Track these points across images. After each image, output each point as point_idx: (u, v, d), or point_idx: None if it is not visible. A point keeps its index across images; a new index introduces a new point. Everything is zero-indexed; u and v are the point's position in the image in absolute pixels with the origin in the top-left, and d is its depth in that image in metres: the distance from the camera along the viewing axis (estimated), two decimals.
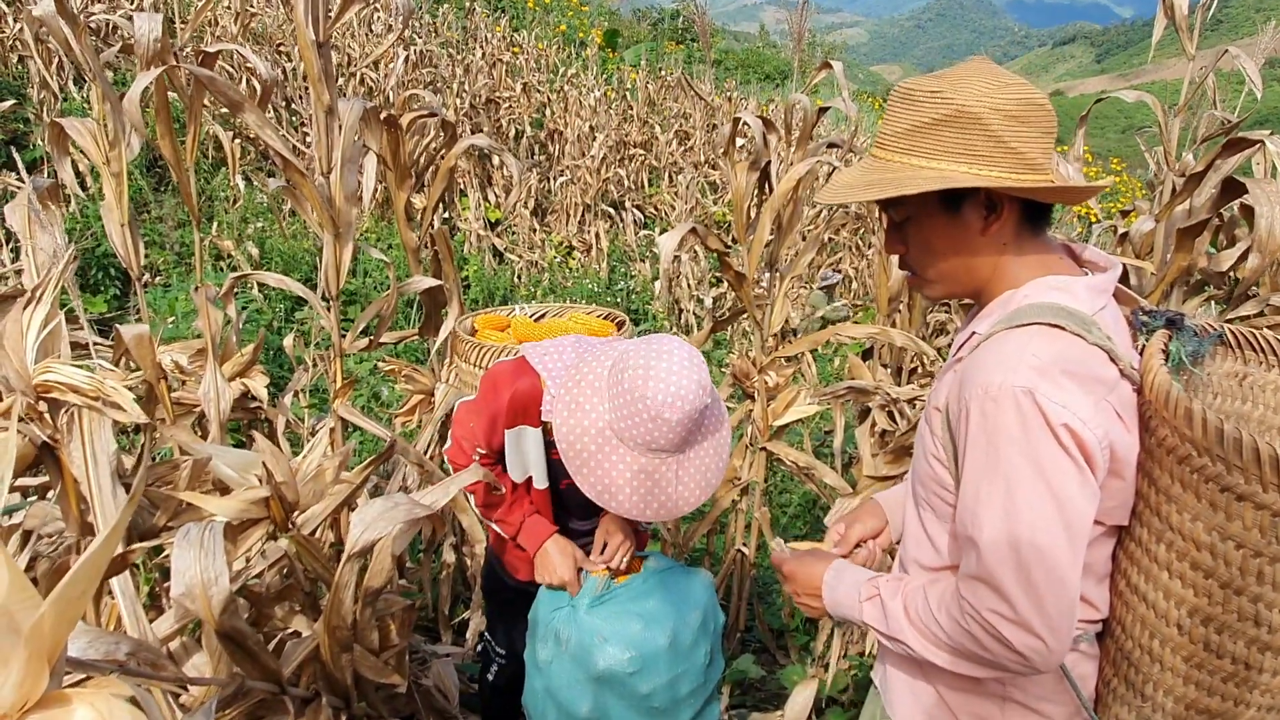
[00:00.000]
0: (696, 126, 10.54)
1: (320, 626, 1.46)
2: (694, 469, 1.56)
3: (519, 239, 8.39)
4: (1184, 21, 2.13)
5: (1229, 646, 1.04)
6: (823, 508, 4.47)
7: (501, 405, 1.70)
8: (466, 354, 2.26)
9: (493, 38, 11.19)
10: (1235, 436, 0.95)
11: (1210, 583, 1.02)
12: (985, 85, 1.09)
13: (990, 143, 1.08)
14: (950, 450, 1.14)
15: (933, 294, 1.24)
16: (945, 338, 4.81)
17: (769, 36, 26.13)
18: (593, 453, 1.53)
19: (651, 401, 1.45)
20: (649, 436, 1.48)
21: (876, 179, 1.13)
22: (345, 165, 2.07)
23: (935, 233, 1.17)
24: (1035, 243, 1.18)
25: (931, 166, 1.10)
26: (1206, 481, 1.00)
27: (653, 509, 1.55)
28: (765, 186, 2.76)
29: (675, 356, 1.48)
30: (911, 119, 1.12)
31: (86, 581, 0.54)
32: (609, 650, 1.71)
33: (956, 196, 1.13)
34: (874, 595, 1.23)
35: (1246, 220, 2.29)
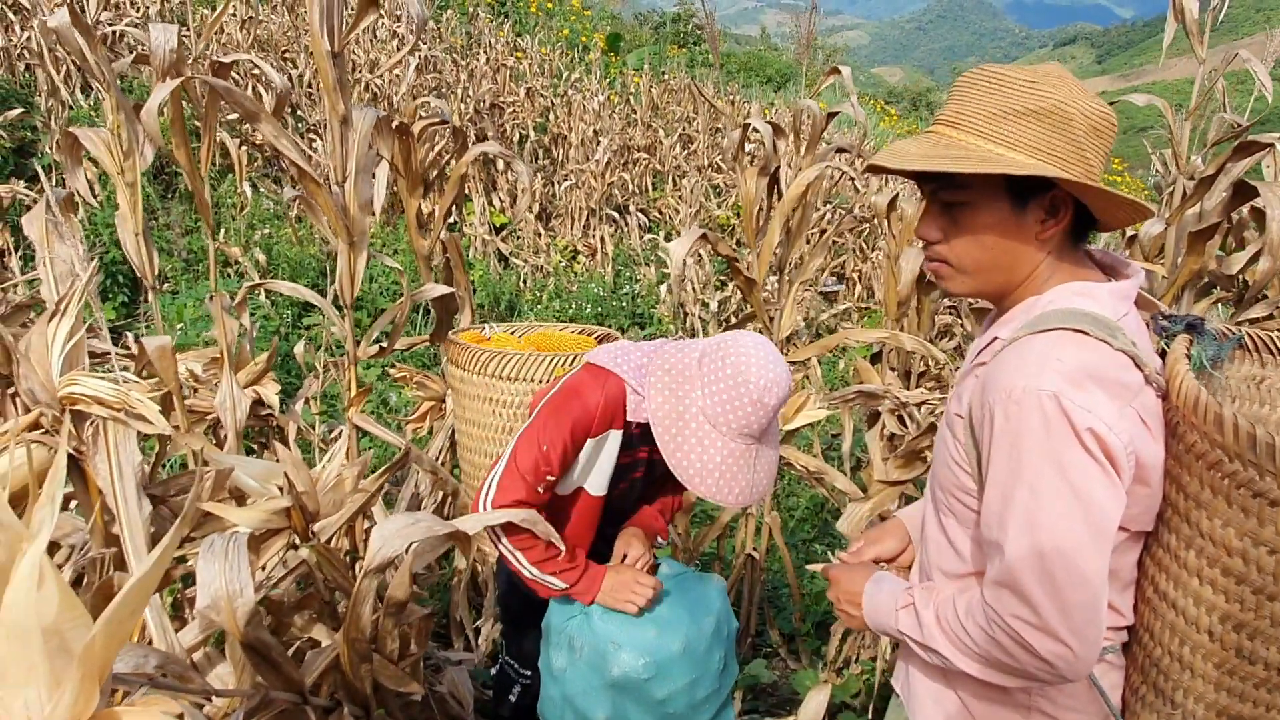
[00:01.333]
0: (700, 130, 10.55)
1: (340, 637, 1.47)
2: (765, 461, 1.65)
3: (524, 243, 8.41)
4: (1194, 24, 2.13)
5: (1262, 652, 1.03)
6: (830, 511, 4.48)
7: (593, 409, 1.68)
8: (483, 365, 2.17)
9: (496, 43, 11.22)
10: (1268, 442, 0.95)
11: (1242, 589, 1.02)
12: (1078, 90, 1.09)
13: (1069, 145, 1.08)
14: (973, 455, 1.14)
15: (959, 287, 1.21)
16: (951, 340, 4.81)
17: (770, 39, 26.16)
18: (687, 437, 1.59)
19: (755, 385, 1.53)
20: (745, 421, 1.55)
21: (957, 154, 1.10)
22: (360, 174, 2.08)
23: (992, 223, 1.13)
24: (1074, 254, 1.17)
25: (1010, 155, 1.09)
26: (1238, 487, 1.00)
27: (735, 494, 1.61)
28: (774, 191, 2.77)
29: (767, 347, 1.59)
30: (998, 105, 1.10)
31: (136, 603, 0.54)
32: (623, 657, 1.72)
33: (1026, 191, 1.11)
34: (909, 604, 1.23)
35: (1257, 223, 2.29)
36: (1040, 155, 1.08)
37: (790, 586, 3.16)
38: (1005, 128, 1.09)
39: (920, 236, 1.20)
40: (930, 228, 1.19)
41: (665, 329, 7.39)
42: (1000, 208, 1.13)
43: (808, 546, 4.05)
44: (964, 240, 1.16)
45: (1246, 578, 1.01)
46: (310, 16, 1.82)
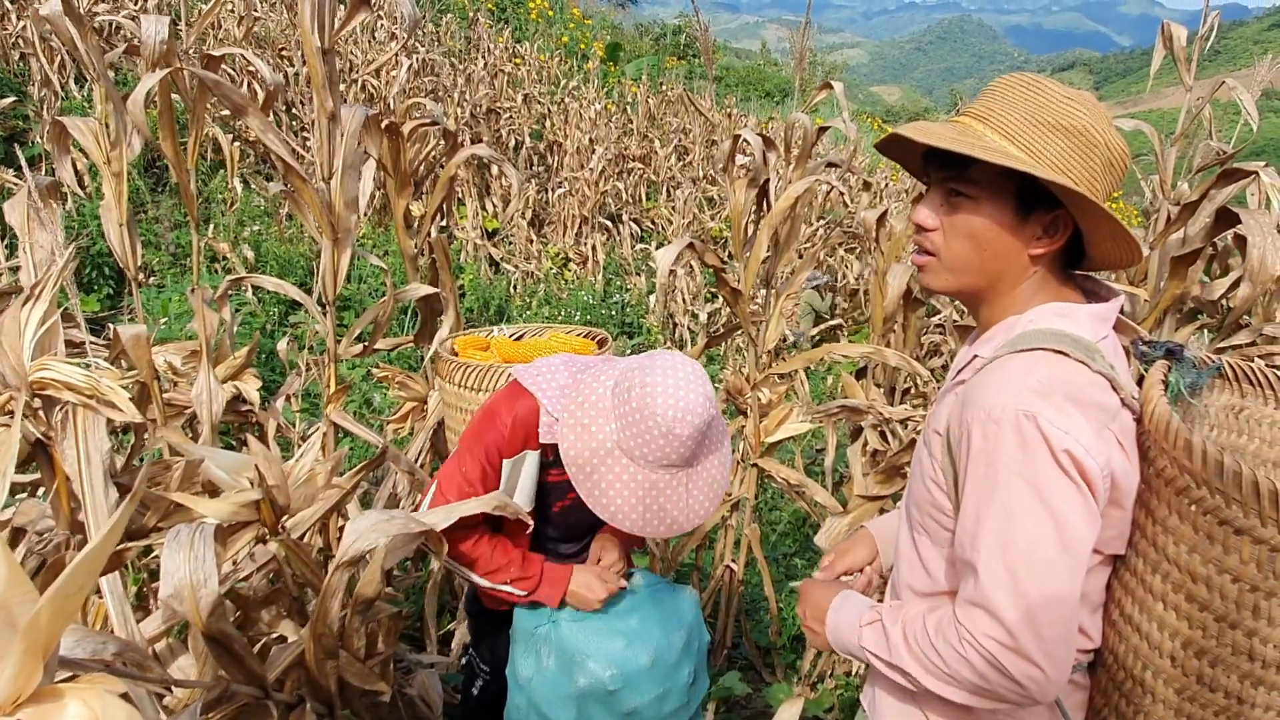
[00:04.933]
0: (695, 142, 10.59)
1: (307, 633, 1.46)
2: (702, 483, 1.58)
3: (516, 249, 8.41)
4: (1181, 52, 2.15)
5: (1222, 680, 1.03)
6: (812, 525, 4.47)
7: (504, 432, 1.66)
8: (450, 374, 2.18)
9: (495, 48, 11.25)
10: (1235, 470, 0.95)
11: (1205, 615, 1.02)
12: (1106, 121, 1.10)
13: (1085, 170, 1.09)
14: (949, 474, 1.13)
15: (939, 282, 1.19)
16: (940, 359, 4.83)
17: (770, 54, 26.29)
18: (603, 474, 1.53)
19: (661, 418, 1.46)
20: (660, 453, 1.49)
21: (987, 145, 1.08)
22: (346, 171, 2.08)
23: (991, 224, 1.12)
24: (1059, 279, 1.17)
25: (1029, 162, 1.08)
26: (1205, 514, 1.00)
27: (665, 525, 1.56)
28: (764, 203, 2.78)
29: (680, 372, 1.50)
30: (1030, 112, 1.09)
31: (83, 578, 0.54)
32: (591, 667, 1.70)
33: (1033, 202, 1.11)
34: (875, 621, 1.22)
35: (1240, 250, 2.31)
36: (1059, 172, 1.08)
37: (768, 600, 3.15)
38: (1032, 135, 1.08)
39: (916, 222, 1.18)
40: (929, 214, 1.17)
41: (654, 339, 7.40)
42: (1004, 211, 1.11)
43: (789, 560, 4.05)
44: (959, 234, 1.15)
45: (1210, 605, 1.01)
46: (301, 13, 1.82)
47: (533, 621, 1.79)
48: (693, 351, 3.02)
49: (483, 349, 2.53)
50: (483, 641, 2.07)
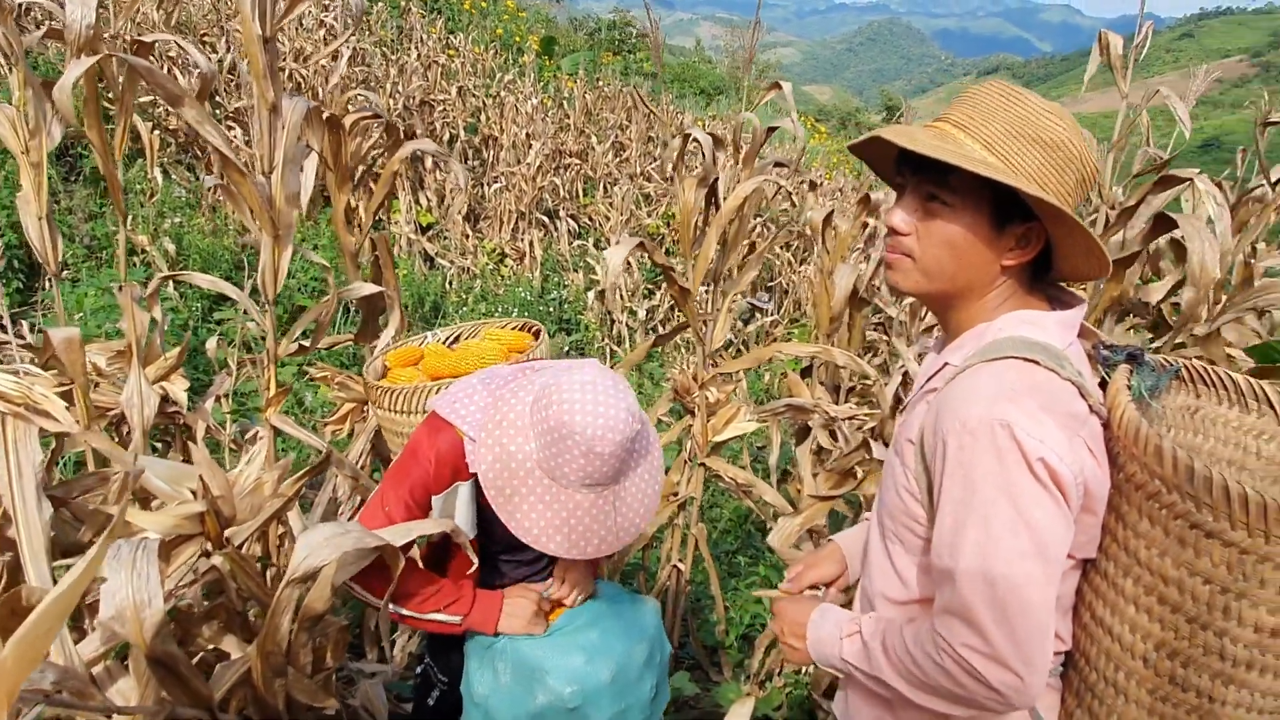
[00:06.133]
0: (633, 138, 10.56)
1: (254, 650, 1.39)
2: (630, 498, 1.51)
3: (451, 244, 8.27)
4: (1118, 60, 2.21)
5: (1193, 680, 1.05)
6: (754, 523, 4.50)
7: (428, 470, 1.58)
8: (379, 400, 2.09)
9: (428, 39, 11.05)
10: (1206, 475, 0.97)
11: (1176, 617, 1.04)
12: (1081, 139, 1.10)
13: (1060, 184, 1.09)
14: (923, 482, 1.13)
15: (910, 284, 1.19)
16: (877, 357, 4.90)
17: (705, 52, 26.41)
18: (524, 495, 1.46)
19: (581, 436, 1.38)
20: (582, 472, 1.42)
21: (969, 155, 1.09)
22: (287, 165, 1.99)
23: (967, 232, 1.13)
24: (1027, 290, 1.18)
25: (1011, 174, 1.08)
26: (1175, 518, 1.01)
27: (593, 546, 1.49)
28: (711, 202, 2.77)
29: (600, 386, 1.42)
30: (1010, 123, 1.10)
31: (49, 623, 0.49)
32: (549, 683, 1.65)
33: (1009, 213, 1.11)
34: (854, 633, 1.22)
35: (1174, 254, 2.39)
36: (1034, 184, 1.08)
37: (714, 599, 3.16)
38: (1012, 146, 1.09)
39: (891, 225, 1.18)
40: (905, 218, 1.17)
41: (592, 336, 7.36)
42: (980, 221, 1.12)
43: (731, 558, 4.06)
44: (935, 240, 1.15)
45: (1181, 606, 1.03)
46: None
47: (489, 637, 1.74)
48: (639, 350, 2.99)
49: (415, 361, 2.44)
50: (441, 651, 2.02)
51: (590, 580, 1.82)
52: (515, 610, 1.72)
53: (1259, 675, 1.01)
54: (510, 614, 1.72)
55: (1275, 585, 0.97)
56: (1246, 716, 1.04)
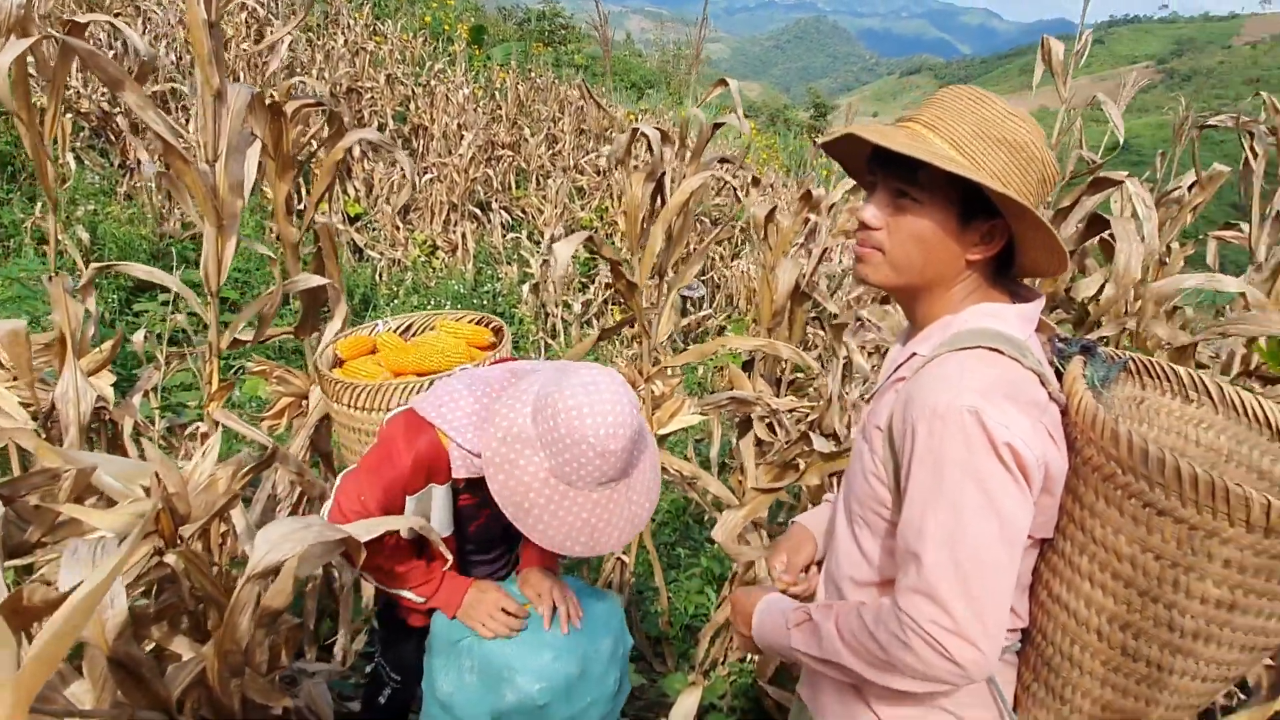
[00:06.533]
0: (566, 131, 10.52)
1: (211, 649, 1.36)
2: (640, 486, 1.54)
3: (380, 235, 8.12)
4: (1059, 66, 2.31)
5: (1144, 650, 1.12)
6: (692, 515, 4.55)
7: (404, 471, 1.57)
8: (338, 395, 2.04)
9: (355, 24, 10.80)
10: (1159, 456, 1.03)
11: (1129, 591, 1.11)
12: (1044, 140, 1.15)
13: (1023, 183, 1.14)
14: (891, 468, 1.18)
15: (879, 276, 1.23)
16: (813, 351, 5.00)
17: (635, 45, 26.42)
18: (543, 506, 1.47)
19: (595, 439, 1.41)
20: (598, 472, 1.45)
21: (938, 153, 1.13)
22: (231, 154, 1.95)
23: (934, 228, 1.17)
24: (990, 284, 1.23)
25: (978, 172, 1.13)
26: (1129, 497, 1.08)
27: (613, 540, 1.52)
28: (658, 198, 2.79)
29: (600, 386, 1.44)
30: (978, 125, 1.14)
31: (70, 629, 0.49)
32: (519, 682, 1.64)
33: (974, 210, 1.16)
34: (805, 620, 1.25)
35: (1101, 253, 2.51)
36: (998, 182, 1.13)
37: (658, 590, 3.19)
38: (978, 147, 1.13)
39: (863, 220, 1.21)
40: (876, 214, 1.21)
41: (527, 329, 7.32)
42: (947, 217, 1.16)
43: (670, 550, 4.10)
44: (904, 235, 1.19)
45: (1134, 581, 1.10)
46: None
47: (454, 634, 1.72)
48: (582, 345, 3.00)
49: (368, 351, 2.39)
50: (393, 649, 2.00)
51: (560, 590, 1.81)
52: (479, 601, 1.72)
53: (1204, 645, 1.09)
54: (473, 603, 1.71)
55: (1221, 559, 1.04)
56: (1192, 684, 1.12)
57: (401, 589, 1.72)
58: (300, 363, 4.83)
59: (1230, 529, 1.02)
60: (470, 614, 1.72)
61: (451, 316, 2.39)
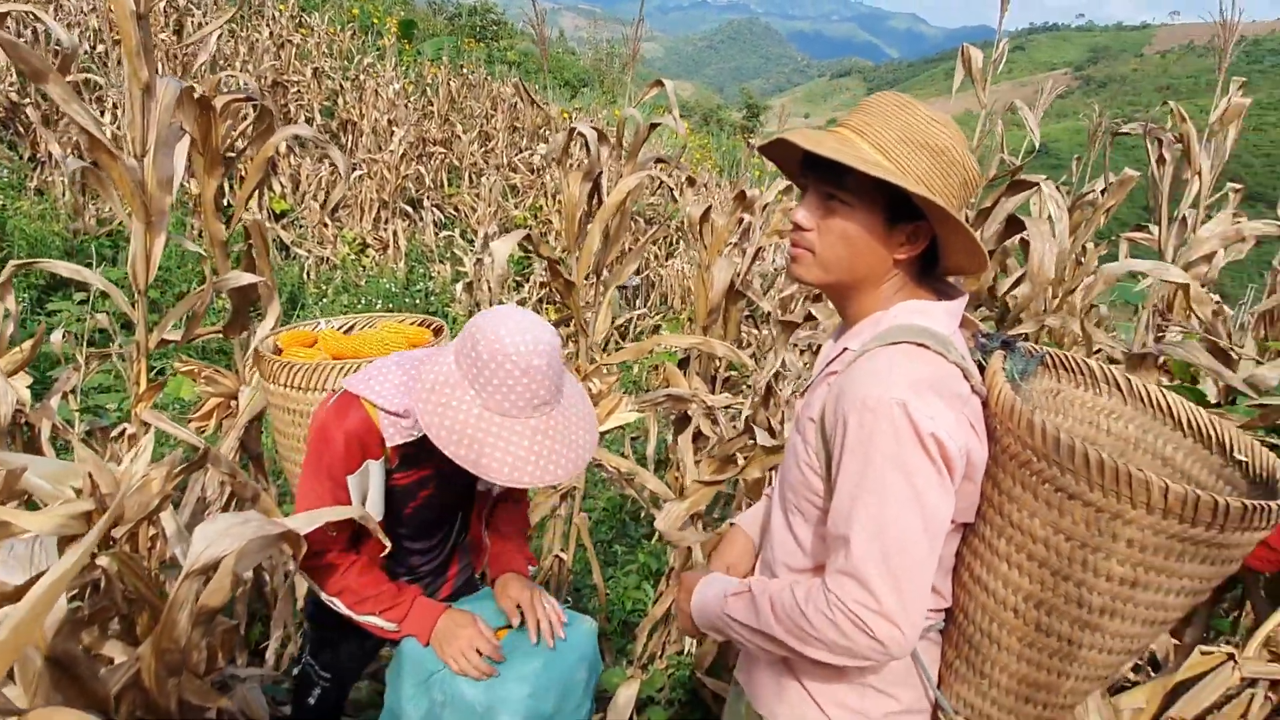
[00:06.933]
0: (499, 128, 10.45)
1: (147, 650, 1.34)
2: (573, 413, 1.55)
3: (308, 233, 7.96)
4: (978, 73, 2.41)
5: (1056, 626, 1.20)
6: (629, 512, 4.59)
7: (339, 450, 1.56)
8: (274, 375, 2.02)
9: (280, 17, 10.57)
10: (1070, 444, 1.11)
11: (1043, 571, 1.18)
12: (965, 145, 1.21)
13: (945, 187, 1.20)
14: (823, 458, 1.23)
15: (811, 275, 1.29)
16: (747, 349, 5.08)
17: (568, 43, 26.33)
18: (483, 439, 1.46)
19: (517, 355, 1.43)
20: (527, 393, 1.46)
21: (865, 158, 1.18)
22: (160, 148, 1.91)
23: (862, 229, 1.22)
24: (917, 282, 1.29)
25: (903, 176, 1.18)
26: (1044, 483, 1.15)
27: (562, 467, 1.50)
28: (594, 197, 2.81)
29: (513, 311, 1.48)
30: (901, 130, 1.19)
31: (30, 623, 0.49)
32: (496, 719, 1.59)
33: (899, 212, 1.21)
34: (743, 591, 1.30)
35: (1021, 251, 2.62)
36: (923, 186, 1.18)
37: (596, 587, 3.21)
38: (903, 151, 1.19)
39: (795, 221, 1.27)
40: (807, 215, 1.26)
41: (460, 329, 7.26)
42: (874, 219, 1.22)
43: (608, 547, 4.13)
44: (833, 236, 1.24)
45: (1047, 562, 1.17)
46: None
47: (428, 662, 1.66)
48: None
49: (309, 344, 2.38)
50: (324, 649, 1.98)
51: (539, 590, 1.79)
52: (452, 635, 1.67)
53: (1111, 619, 1.17)
54: (447, 635, 1.67)
55: (1125, 540, 1.11)
56: (1100, 657, 1.20)
57: (371, 614, 1.68)
58: (226, 363, 4.72)
59: (1133, 511, 1.10)
60: (443, 647, 1.67)
61: (394, 318, 2.39)
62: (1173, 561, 1.13)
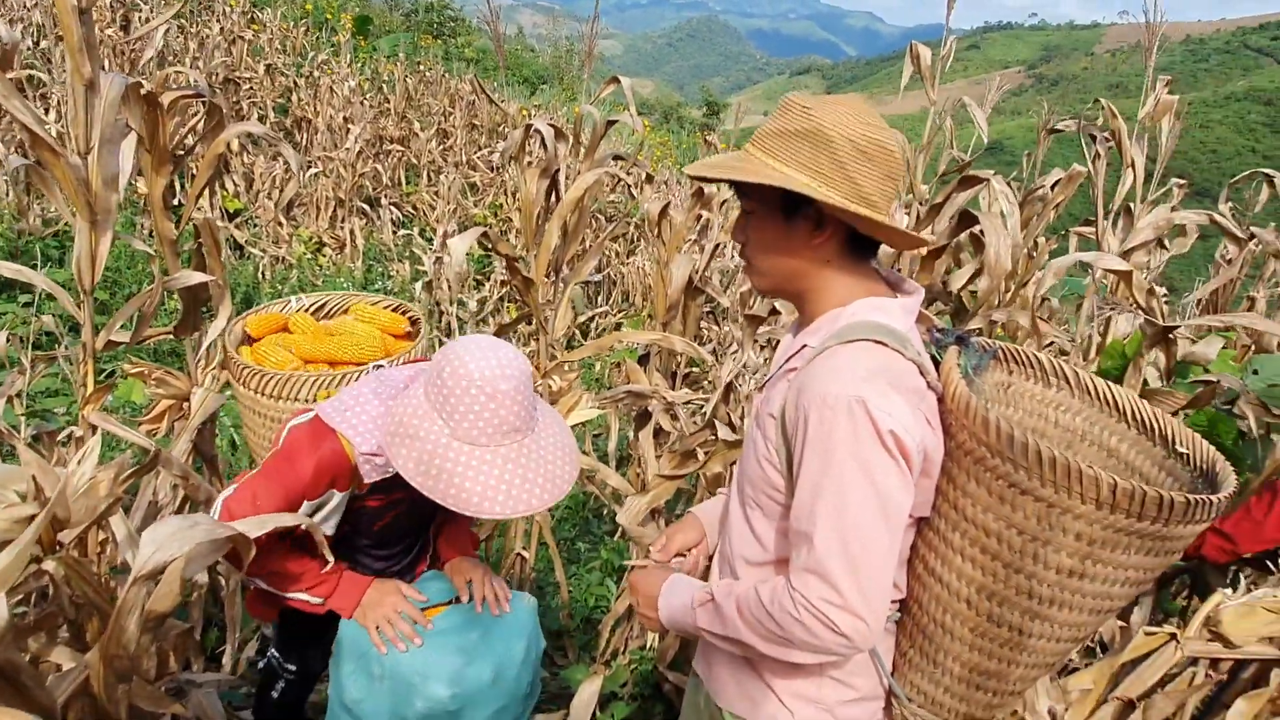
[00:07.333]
0: (457, 126, 10.37)
1: (95, 656, 1.31)
2: (548, 440, 1.53)
3: (262, 232, 7.83)
4: (927, 70, 2.45)
5: (1007, 616, 1.23)
6: (591, 509, 4.59)
7: (304, 477, 1.55)
8: (246, 380, 2.00)
9: (231, 12, 10.37)
10: (1023, 441, 1.13)
11: (995, 563, 1.21)
12: (848, 116, 1.19)
13: (833, 166, 1.19)
14: (784, 454, 1.24)
15: (760, 285, 1.35)
16: (707, 345, 5.10)
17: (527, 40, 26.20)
18: (452, 470, 1.44)
19: (481, 379, 1.42)
20: (495, 419, 1.44)
21: (735, 166, 1.23)
22: (105, 146, 1.87)
23: (769, 231, 1.27)
24: (858, 267, 1.30)
25: (781, 170, 1.20)
26: (996, 478, 1.18)
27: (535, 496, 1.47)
28: (552, 194, 2.81)
29: (480, 339, 1.49)
30: (781, 126, 1.22)
31: None
32: (431, 688, 1.61)
33: (793, 204, 1.23)
34: (708, 600, 1.31)
35: (974, 246, 2.66)
36: (808, 172, 1.19)
37: (558, 584, 3.21)
38: (781, 145, 1.21)
39: (733, 239, 1.33)
40: (738, 231, 1.33)
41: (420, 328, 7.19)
42: (775, 218, 1.26)
43: (570, 545, 4.13)
44: (755, 244, 1.30)
45: (999, 555, 1.20)
46: None
47: (364, 640, 1.67)
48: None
49: (279, 329, 2.36)
50: (288, 642, 1.96)
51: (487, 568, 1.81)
52: (376, 603, 1.69)
53: (1058, 610, 1.20)
54: (371, 604, 1.69)
55: (1073, 533, 1.15)
56: (1048, 645, 1.24)
57: (296, 591, 1.67)
58: (178, 364, 4.63)
59: (1082, 506, 1.13)
60: (366, 615, 1.69)
61: (368, 300, 2.38)
62: (1118, 553, 1.16)
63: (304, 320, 2.31)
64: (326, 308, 2.38)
